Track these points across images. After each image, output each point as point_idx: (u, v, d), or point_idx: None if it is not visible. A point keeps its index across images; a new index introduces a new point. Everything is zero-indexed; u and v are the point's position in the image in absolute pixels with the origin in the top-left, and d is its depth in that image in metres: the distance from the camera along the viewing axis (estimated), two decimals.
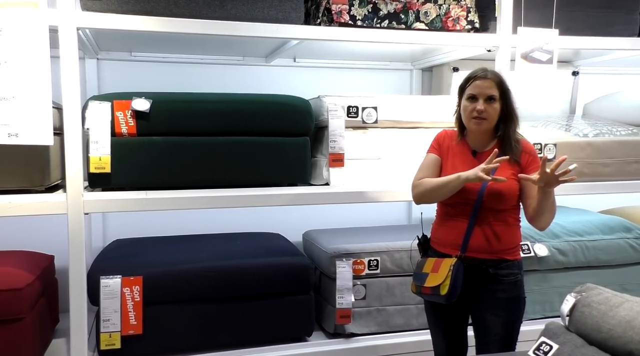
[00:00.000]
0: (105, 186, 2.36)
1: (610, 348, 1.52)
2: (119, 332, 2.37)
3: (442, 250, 2.05)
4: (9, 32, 2.02)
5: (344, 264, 2.65)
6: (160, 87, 2.80)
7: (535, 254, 2.85)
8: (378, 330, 2.75)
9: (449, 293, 1.92)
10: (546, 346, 1.64)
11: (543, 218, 1.92)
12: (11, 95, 2.03)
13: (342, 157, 2.57)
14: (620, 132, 3.01)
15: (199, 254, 2.67)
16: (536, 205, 1.90)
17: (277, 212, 3.26)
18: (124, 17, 2.25)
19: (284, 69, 3.34)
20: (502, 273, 1.98)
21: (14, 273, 2.29)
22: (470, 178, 1.88)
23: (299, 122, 2.56)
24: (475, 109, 1.94)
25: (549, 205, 1.89)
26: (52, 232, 2.65)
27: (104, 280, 2.36)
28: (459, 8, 2.70)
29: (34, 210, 2.18)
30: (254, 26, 2.40)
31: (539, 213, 1.91)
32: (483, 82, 1.95)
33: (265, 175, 2.53)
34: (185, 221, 3.18)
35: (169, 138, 2.40)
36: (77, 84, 2.19)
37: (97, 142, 2.28)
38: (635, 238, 3.04)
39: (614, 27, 2.98)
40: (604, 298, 1.61)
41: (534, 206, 1.92)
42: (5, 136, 2.04)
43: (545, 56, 2.72)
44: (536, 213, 1.92)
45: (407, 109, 2.72)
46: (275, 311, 2.60)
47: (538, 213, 1.91)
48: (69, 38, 2.16)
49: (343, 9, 2.55)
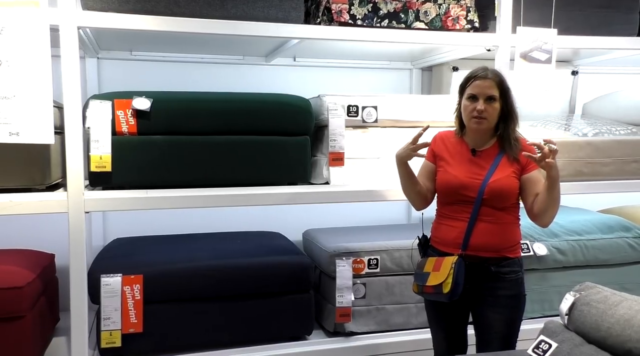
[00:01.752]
0: (105, 185, 2.36)
1: (609, 346, 1.52)
2: (120, 330, 2.37)
3: (443, 249, 2.05)
4: (10, 31, 2.02)
5: (344, 263, 2.66)
6: (161, 86, 2.81)
7: (534, 253, 2.85)
8: (378, 329, 2.76)
9: (451, 291, 1.93)
10: (545, 345, 1.65)
11: (547, 214, 1.93)
12: (12, 94, 2.04)
13: (342, 156, 2.57)
14: (619, 132, 3.01)
15: (199, 253, 2.67)
16: (542, 198, 1.90)
17: (277, 211, 3.26)
18: (124, 17, 2.25)
19: (284, 68, 3.34)
20: (504, 271, 1.98)
21: (14, 272, 2.29)
22: (401, 155, 2.03)
23: (299, 121, 2.57)
24: (476, 109, 1.95)
25: (554, 197, 1.88)
26: (53, 230, 2.65)
27: (105, 279, 2.36)
28: (458, 7, 2.71)
29: (35, 208, 2.19)
30: (254, 25, 2.40)
31: (543, 209, 1.92)
32: (483, 82, 1.96)
33: (266, 174, 2.53)
34: (186, 220, 3.18)
35: (170, 137, 2.41)
36: (77, 83, 2.19)
37: (97, 141, 2.29)
38: (634, 237, 3.05)
39: (613, 26, 2.99)
40: (602, 297, 1.61)
41: (538, 202, 1.92)
42: (7, 135, 2.04)
43: (545, 56, 2.72)
44: (540, 209, 1.92)
45: (407, 108, 2.73)
46: (275, 310, 2.61)
47: (542, 209, 1.92)
48: (70, 37, 2.16)
49: (343, 9, 2.55)
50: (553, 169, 1.83)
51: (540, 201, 1.92)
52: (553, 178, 1.85)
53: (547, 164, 1.82)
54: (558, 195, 1.90)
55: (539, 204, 1.93)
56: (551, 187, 1.87)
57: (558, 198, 1.91)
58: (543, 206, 1.92)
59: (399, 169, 2.07)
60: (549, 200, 1.89)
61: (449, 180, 2.03)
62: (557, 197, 1.90)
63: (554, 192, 1.88)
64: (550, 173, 1.84)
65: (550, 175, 1.85)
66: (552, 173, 1.84)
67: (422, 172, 2.16)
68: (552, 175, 1.84)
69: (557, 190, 1.89)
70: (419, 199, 2.13)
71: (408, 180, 2.08)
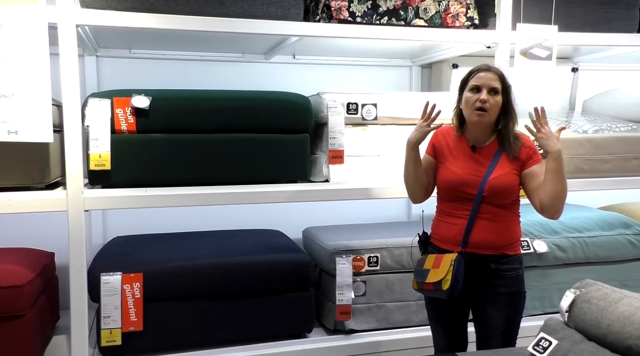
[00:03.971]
0: (105, 183, 2.36)
1: (609, 343, 1.52)
2: (120, 329, 2.37)
3: (442, 246, 2.05)
4: (8, 29, 2.02)
5: (344, 261, 2.65)
6: (160, 84, 2.80)
7: (534, 250, 2.85)
8: (378, 326, 2.76)
9: (450, 288, 1.93)
10: (545, 342, 1.65)
11: (555, 203, 1.90)
12: (11, 92, 2.04)
13: (341, 153, 2.57)
14: (619, 128, 3.01)
15: (199, 251, 2.67)
16: (546, 184, 1.89)
17: (277, 209, 3.26)
18: (123, 14, 2.25)
19: (283, 65, 3.33)
20: (504, 268, 1.98)
21: (14, 271, 2.29)
22: (415, 137, 2.04)
23: (299, 119, 2.56)
24: (479, 99, 1.94)
25: (558, 181, 1.87)
26: (53, 229, 2.65)
27: (105, 277, 2.36)
28: (458, 4, 2.70)
29: (34, 207, 2.19)
30: (254, 23, 2.40)
31: (549, 199, 1.89)
32: (487, 74, 1.96)
33: (265, 172, 2.53)
34: (185, 218, 3.18)
35: (169, 135, 2.40)
36: (76, 81, 2.19)
37: (97, 139, 2.28)
38: (634, 234, 3.05)
39: (613, 23, 2.98)
40: (603, 294, 1.61)
41: (544, 191, 1.91)
42: (5, 133, 2.04)
43: (545, 52, 2.72)
44: (546, 199, 1.90)
45: (407, 106, 2.72)
46: (275, 307, 2.61)
47: (549, 198, 1.89)
48: (69, 35, 2.16)
49: (342, 6, 2.54)
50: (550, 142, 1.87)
51: (545, 191, 1.90)
52: (555, 160, 1.85)
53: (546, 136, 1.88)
54: (562, 182, 1.88)
55: (544, 195, 1.90)
56: (553, 169, 1.86)
57: (563, 186, 1.88)
58: (548, 195, 1.89)
59: (409, 154, 2.05)
60: (553, 186, 1.87)
61: (449, 176, 2.03)
62: (562, 184, 1.88)
63: (557, 176, 1.86)
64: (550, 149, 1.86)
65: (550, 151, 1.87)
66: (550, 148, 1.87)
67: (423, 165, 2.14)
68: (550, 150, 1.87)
69: (560, 175, 1.87)
70: (420, 190, 2.11)
71: (415, 166, 2.06)
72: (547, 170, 1.89)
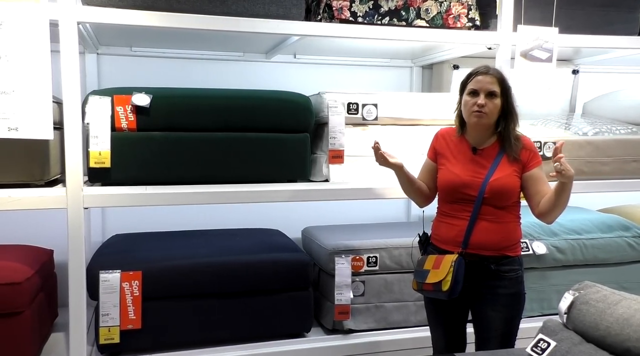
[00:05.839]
0: (104, 181, 2.36)
1: (608, 345, 1.52)
2: (118, 327, 2.37)
3: (443, 247, 2.05)
4: (9, 26, 2.02)
5: (343, 260, 2.65)
6: (161, 82, 2.80)
7: (533, 252, 2.85)
8: (376, 327, 2.76)
9: (450, 289, 1.93)
10: (544, 344, 1.65)
11: (554, 213, 1.93)
12: (11, 89, 2.03)
13: (342, 153, 2.57)
14: (619, 131, 3.01)
15: (198, 250, 2.67)
16: (550, 199, 1.90)
17: (276, 208, 3.25)
18: (124, 12, 2.25)
19: (284, 65, 3.33)
20: (504, 269, 1.99)
21: (13, 267, 2.29)
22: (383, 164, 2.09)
23: (299, 118, 2.56)
24: (476, 103, 1.95)
25: (564, 199, 1.88)
26: (52, 226, 2.65)
27: (103, 275, 2.36)
28: (460, 5, 2.70)
29: (34, 204, 2.18)
30: (255, 22, 2.40)
31: (549, 209, 1.92)
32: (485, 78, 1.96)
33: (265, 171, 2.53)
34: (185, 216, 3.18)
35: (169, 133, 2.40)
36: (77, 79, 2.19)
37: (97, 137, 2.28)
38: (634, 236, 3.05)
39: (614, 25, 2.99)
40: (602, 296, 1.61)
41: (545, 202, 1.92)
42: (5, 130, 2.04)
43: (545, 54, 2.72)
44: (547, 208, 1.93)
45: (407, 106, 2.72)
46: (274, 307, 2.61)
47: (548, 208, 1.92)
48: (70, 32, 2.15)
49: (344, 6, 2.54)
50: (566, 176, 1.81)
51: (548, 201, 1.92)
52: (565, 183, 1.84)
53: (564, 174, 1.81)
54: (567, 199, 1.90)
55: (546, 204, 1.93)
56: (564, 189, 1.86)
57: (567, 201, 1.91)
58: (550, 206, 1.92)
59: (397, 177, 2.13)
60: (558, 202, 1.89)
61: (450, 178, 2.03)
62: (567, 200, 1.90)
63: (564, 195, 1.87)
64: (563, 179, 1.83)
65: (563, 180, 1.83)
66: (565, 178, 1.82)
67: (424, 171, 2.18)
68: (565, 180, 1.83)
69: (567, 194, 1.88)
70: (420, 198, 2.17)
71: (409, 184, 2.13)
72: (558, 190, 1.88)
